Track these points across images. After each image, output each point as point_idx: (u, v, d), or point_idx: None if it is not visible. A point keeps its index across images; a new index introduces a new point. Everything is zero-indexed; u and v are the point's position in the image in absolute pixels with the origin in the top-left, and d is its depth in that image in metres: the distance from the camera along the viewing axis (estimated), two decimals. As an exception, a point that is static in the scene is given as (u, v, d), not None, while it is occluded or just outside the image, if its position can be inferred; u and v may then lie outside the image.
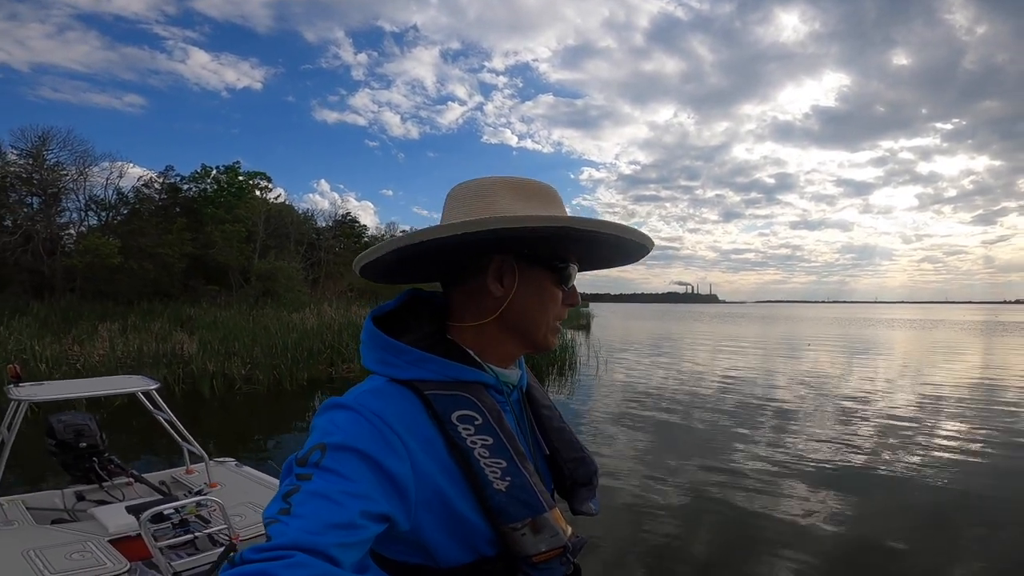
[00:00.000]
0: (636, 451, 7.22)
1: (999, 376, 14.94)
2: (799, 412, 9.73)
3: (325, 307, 19.88)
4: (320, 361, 12.76)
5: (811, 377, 14.29)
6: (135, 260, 21.53)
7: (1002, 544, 4.51)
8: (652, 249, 0.82)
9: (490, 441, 0.71)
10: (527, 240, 0.72)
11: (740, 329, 39.99)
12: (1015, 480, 6.10)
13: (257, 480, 4.07)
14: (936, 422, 8.87)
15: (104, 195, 26.14)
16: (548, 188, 0.81)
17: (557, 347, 0.86)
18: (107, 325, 15.19)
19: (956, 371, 15.98)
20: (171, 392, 9.75)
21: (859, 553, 4.34)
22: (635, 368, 15.84)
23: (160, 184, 29.15)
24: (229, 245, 25.01)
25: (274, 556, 0.51)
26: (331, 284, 30.19)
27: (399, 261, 0.76)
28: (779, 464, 6.59)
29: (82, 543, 2.94)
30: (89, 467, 3.99)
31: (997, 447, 7.34)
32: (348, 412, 0.66)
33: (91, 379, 4.56)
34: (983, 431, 8.30)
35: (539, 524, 0.71)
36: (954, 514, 5.12)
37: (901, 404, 10.48)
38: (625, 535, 4.56)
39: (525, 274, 0.77)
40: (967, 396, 11.49)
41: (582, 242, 0.75)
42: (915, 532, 4.70)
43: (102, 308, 19.17)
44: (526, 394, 0.88)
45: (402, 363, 0.74)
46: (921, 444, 7.62)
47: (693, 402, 10.54)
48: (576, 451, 0.87)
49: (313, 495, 0.58)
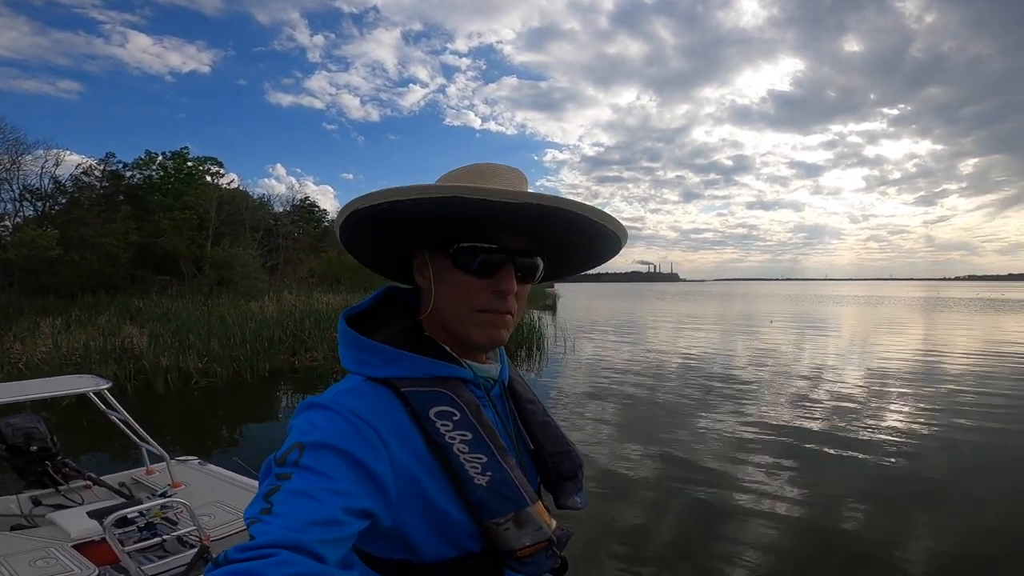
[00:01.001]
0: (603, 431, 7.28)
1: (944, 352, 15.71)
2: (760, 389, 10.00)
3: (285, 294, 19.30)
4: (282, 351, 12.33)
5: (771, 355, 14.73)
6: (76, 251, 20.43)
7: (948, 517, 4.68)
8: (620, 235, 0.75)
9: (469, 436, 0.70)
10: (413, 225, 0.71)
11: (702, 307, 41.01)
12: (959, 455, 6.37)
13: (223, 478, 3.97)
14: (886, 399, 9.20)
15: (40, 184, 24.86)
16: (494, 167, 0.77)
17: (504, 339, 0.77)
18: (49, 320, 14.35)
19: (904, 347, 16.75)
20: (123, 389, 9.26)
21: (817, 528, 4.46)
22: (602, 348, 15.98)
23: (101, 171, 27.69)
24: (179, 233, 24.05)
25: (259, 555, 0.50)
26: (291, 270, 29.40)
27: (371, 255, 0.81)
28: (741, 441, 6.74)
29: (45, 549, 2.86)
30: (43, 471, 3.85)
31: (943, 424, 7.65)
32: (325, 411, 0.66)
33: (37, 380, 4.31)
34: (931, 408, 8.69)
35: (522, 518, 0.70)
36: (903, 489, 5.30)
37: (854, 381, 10.86)
38: (591, 515, 4.57)
39: (436, 263, 0.75)
40: (915, 373, 12.09)
41: (497, 221, 0.68)
42: (867, 505, 4.86)
43: (43, 303, 18.16)
44: (508, 388, 0.86)
45: (377, 361, 0.73)
46: (873, 419, 7.97)
47: (658, 381, 10.72)
48: (561, 445, 0.85)
49: (294, 493, 0.57)
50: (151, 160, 29.08)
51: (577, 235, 0.73)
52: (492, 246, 0.72)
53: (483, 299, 0.73)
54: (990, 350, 15.17)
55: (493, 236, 0.72)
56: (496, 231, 0.71)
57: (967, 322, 25.69)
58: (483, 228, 0.70)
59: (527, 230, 0.72)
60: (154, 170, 28.98)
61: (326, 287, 24.29)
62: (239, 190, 31.50)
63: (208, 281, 22.72)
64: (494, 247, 0.72)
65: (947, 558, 3.99)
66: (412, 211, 0.67)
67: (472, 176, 0.75)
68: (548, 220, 0.68)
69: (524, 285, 0.77)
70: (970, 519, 4.61)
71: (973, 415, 7.99)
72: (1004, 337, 18.80)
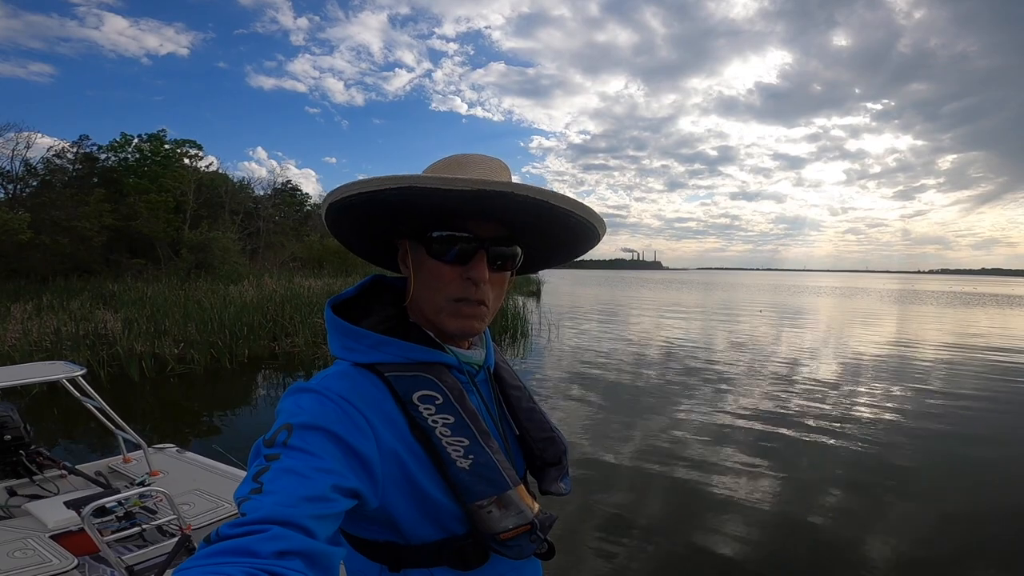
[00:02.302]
0: (586, 417, 7.29)
1: (916, 344, 16.00)
2: (739, 377, 10.10)
3: (266, 279, 18.98)
4: (262, 336, 12.08)
5: (752, 344, 14.87)
6: (48, 235, 19.81)
7: (917, 504, 4.80)
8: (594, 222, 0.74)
9: (451, 420, 0.71)
10: (403, 213, 0.70)
11: (686, 296, 41.34)
12: (930, 444, 6.48)
13: (202, 466, 3.92)
14: (860, 389, 9.33)
15: (10, 167, 24.07)
16: (474, 158, 0.77)
17: (478, 329, 0.76)
18: (20, 305, 13.93)
19: (879, 339, 17.03)
20: (96, 377, 9.00)
21: (792, 513, 4.54)
22: (586, 334, 16.00)
23: (74, 154, 26.88)
24: (155, 216, 23.46)
25: (250, 531, 0.51)
26: (272, 254, 28.91)
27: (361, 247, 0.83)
28: (721, 427, 6.80)
29: (22, 540, 2.82)
30: (16, 460, 3.77)
31: (915, 413, 7.77)
32: (312, 395, 0.67)
33: (7, 367, 4.20)
34: (903, 398, 8.91)
35: (504, 501, 0.70)
36: (875, 476, 5.40)
37: (830, 371, 11.04)
38: (575, 501, 4.60)
39: (414, 253, 0.76)
40: (889, 364, 12.36)
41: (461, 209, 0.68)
42: (840, 492, 4.95)
43: (14, 287, 17.62)
44: (494, 375, 0.86)
45: (363, 347, 0.74)
46: (847, 409, 8.13)
47: (640, 368, 10.79)
48: (546, 431, 0.86)
49: (283, 472, 0.58)
50: (126, 143, 28.27)
51: (550, 224, 0.72)
52: (464, 234, 0.72)
53: (455, 288, 0.73)
54: (961, 343, 15.50)
55: (464, 224, 0.72)
56: (465, 219, 0.71)
57: (939, 315, 26.25)
58: (454, 217, 0.71)
59: (499, 218, 0.72)
60: (130, 153, 28.18)
61: (308, 271, 23.97)
62: (219, 173, 30.80)
63: (186, 265, 22.22)
64: (466, 235, 0.72)
65: (915, 543, 4.09)
66: (378, 201, 0.67)
67: (451, 167, 0.76)
68: (513, 207, 0.67)
69: (500, 274, 0.77)
70: (938, 507, 4.73)
71: (943, 406, 8.16)
72: (974, 330, 19.23)
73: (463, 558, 0.72)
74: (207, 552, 0.49)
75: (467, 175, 0.73)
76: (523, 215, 0.70)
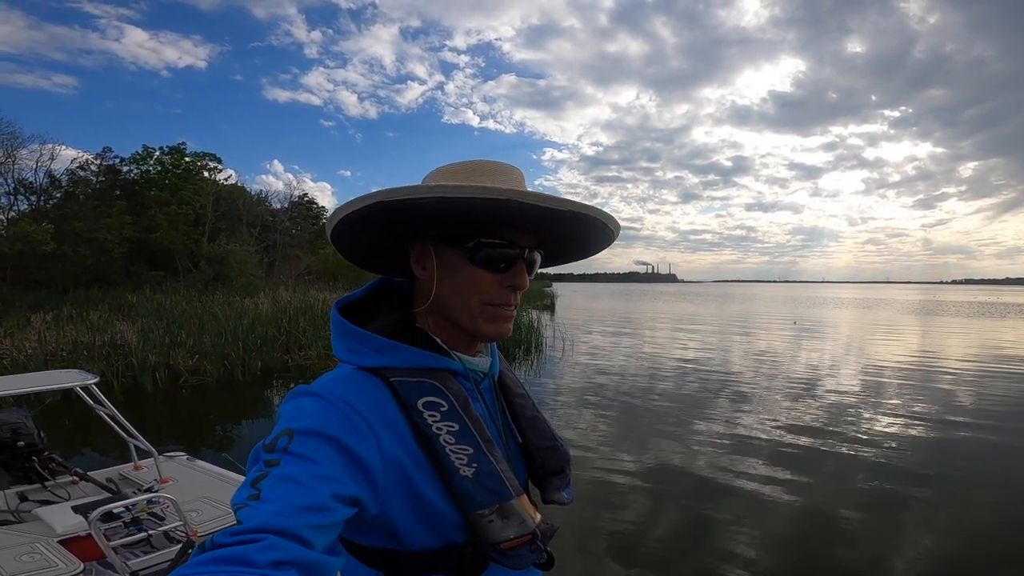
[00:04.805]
0: (599, 431, 7.15)
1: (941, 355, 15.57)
2: (757, 391, 9.85)
3: (281, 291, 19.09)
4: (275, 349, 12.10)
5: (769, 357, 14.56)
6: (70, 246, 20.16)
7: (942, 522, 4.59)
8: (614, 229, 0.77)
9: (456, 427, 0.70)
10: (425, 220, 0.70)
11: (702, 308, 40.91)
12: (955, 458, 6.24)
13: (211, 474, 3.95)
14: (883, 402, 9.05)
15: (35, 179, 24.63)
16: (498, 165, 0.76)
17: (510, 332, 0.77)
18: (40, 315, 14.13)
19: (903, 350, 16.60)
20: (110, 387, 9.06)
21: (812, 529, 4.41)
22: (600, 348, 15.82)
23: (97, 166, 27.43)
24: (175, 228, 23.80)
25: (246, 539, 0.50)
26: (287, 267, 29.16)
27: (365, 252, 0.81)
28: (737, 441, 6.61)
29: (30, 544, 2.86)
30: (29, 466, 3.83)
31: (940, 427, 7.51)
32: (314, 399, 0.66)
33: (25, 375, 4.31)
34: (928, 411, 8.58)
35: (506, 511, 0.70)
36: (899, 492, 5.21)
37: (851, 384, 10.74)
38: (587, 516, 4.52)
39: (443, 256, 0.75)
40: (914, 376, 11.97)
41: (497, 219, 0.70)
42: (862, 510, 4.76)
43: (35, 297, 17.92)
44: (499, 383, 0.86)
45: (367, 351, 0.73)
46: (869, 423, 7.85)
47: (654, 381, 10.60)
48: (549, 440, 0.86)
49: (282, 479, 0.57)
50: (148, 155, 28.76)
51: (576, 231, 0.75)
52: (509, 243, 0.73)
53: (495, 294, 0.74)
54: (986, 354, 15.05)
55: (503, 233, 0.73)
56: (503, 227, 0.72)
57: (964, 325, 25.60)
58: (497, 225, 0.71)
59: (533, 227, 0.74)
60: (151, 165, 28.71)
61: (323, 284, 24.10)
62: (236, 186, 31.25)
63: (204, 277, 22.50)
64: (510, 244, 0.73)
65: (940, 562, 3.93)
66: (409, 208, 0.67)
67: (476, 173, 0.75)
68: (554, 218, 0.69)
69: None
70: (964, 523, 4.55)
71: (969, 419, 7.87)
72: (999, 341, 18.69)
73: (462, 567, 0.71)
74: (201, 560, 0.48)
75: (492, 183, 0.73)
76: (562, 226, 0.72)
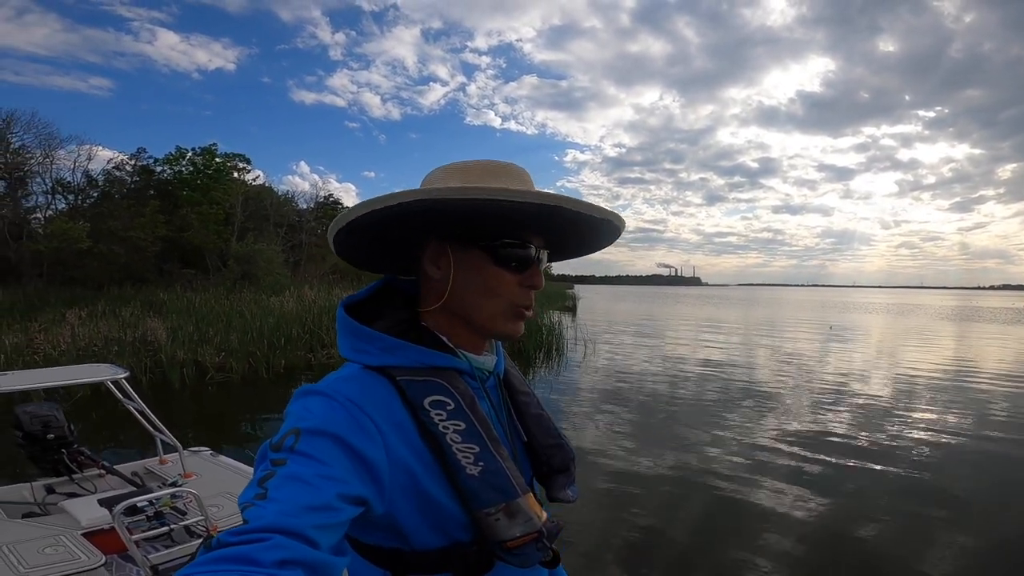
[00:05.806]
0: (618, 434, 7.07)
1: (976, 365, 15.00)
2: (784, 397, 9.60)
3: (306, 290, 19.34)
4: (299, 347, 12.27)
5: (795, 362, 14.22)
6: (105, 244, 20.75)
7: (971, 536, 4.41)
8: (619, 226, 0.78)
9: (462, 426, 0.71)
10: (452, 219, 0.70)
11: (726, 312, 40.27)
12: (987, 472, 5.99)
13: (234, 469, 4.00)
14: (915, 410, 8.76)
15: (72, 178, 25.42)
16: (509, 167, 0.78)
17: (522, 332, 0.79)
18: (75, 311, 14.56)
19: (938, 358, 16.05)
20: (138, 383, 9.26)
21: (829, 546, 4.25)
22: (621, 351, 15.66)
23: (132, 166, 28.22)
24: (205, 228, 24.32)
25: (252, 539, 0.50)
26: (312, 267, 29.58)
27: (369, 252, 0.80)
28: (759, 448, 6.46)
29: (55, 537, 2.89)
30: (58, 459, 3.88)
31: (973, 440, 7.22)
32: (321, 398, 0.66)
33: (57, 368, 4.39)
34: (961, 422, 8.21)
35: (513, 509, 0.70)
36: (927, 502, 5.04)
37: (880, 392, 10.40)
38: (604, 520, 4.47)
39: (460, 256, 0.75)
40: (949, 385, 11.51)
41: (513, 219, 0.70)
42: (886, 529, 4.58)
43: (70, 294, 18.48)
44: (504, 380, 0.87)
45: (374, 350, 0.73)
46: (899, 432, 7.55)
47: (676, 386, 10.42)
48: (553, 437, 0.86)
49: (288, 479, 0.57)
50: (181, 156, 29.50)
51: (586, 231, 0.78)
52: (528, 244, 0.75)
53: (515, 294, 0.76)
54: None
55: (521, 234, 0.74)
56: (522, 229, 0.74)
57: (1002, 332, 24.66)
58: (515, 226, 0.73)
59: (546, 229, 0.75)
60: (183, 166, 29.44)
61: (347, 283, 24.36)
62: (264, 186, 31.83)
63: (232, 275, 22.93)
64: (530, 245, 0.75)
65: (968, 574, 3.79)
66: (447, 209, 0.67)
67: (490, 174, 0.76)
68: (566, 220, 0.71)
69: None
70: (993, 538, 4.36)
71: (1005, 432, 7.52)
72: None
73: (468, 565, 0.71)
74: (207, 559, 0.48)
75: (506, 184, 0.74)
76: (572, 225, 0.73)
